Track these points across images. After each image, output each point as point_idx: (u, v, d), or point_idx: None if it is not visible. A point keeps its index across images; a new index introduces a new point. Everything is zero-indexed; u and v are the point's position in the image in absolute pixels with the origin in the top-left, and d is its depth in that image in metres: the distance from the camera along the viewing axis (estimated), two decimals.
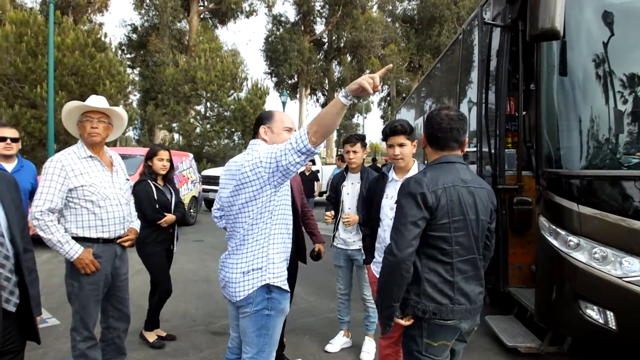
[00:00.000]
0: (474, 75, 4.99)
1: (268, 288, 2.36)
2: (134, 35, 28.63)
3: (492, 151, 4.29)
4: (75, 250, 2.80)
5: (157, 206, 4.07)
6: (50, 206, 2.75)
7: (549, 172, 3.47)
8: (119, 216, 3.02)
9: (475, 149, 4.56)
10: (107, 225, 2.96)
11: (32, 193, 3.88)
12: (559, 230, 3.33)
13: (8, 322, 1.93)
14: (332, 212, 4.09)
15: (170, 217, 4.11)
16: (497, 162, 4.18)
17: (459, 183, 2.10)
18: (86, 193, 2.87)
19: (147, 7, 27.77)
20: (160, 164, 4.17)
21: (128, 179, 3.24)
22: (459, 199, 2.07)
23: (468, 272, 2.12)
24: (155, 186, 4.15)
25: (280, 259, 2.42)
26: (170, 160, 4.26)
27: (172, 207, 4.22)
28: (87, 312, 2.94)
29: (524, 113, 4.20)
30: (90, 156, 2.96)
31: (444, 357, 2.19)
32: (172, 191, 4.29)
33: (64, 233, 2.82)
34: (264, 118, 2.51)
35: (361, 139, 4.01)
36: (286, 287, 2.46)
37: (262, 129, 2.46)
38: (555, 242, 3.35)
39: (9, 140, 3.91)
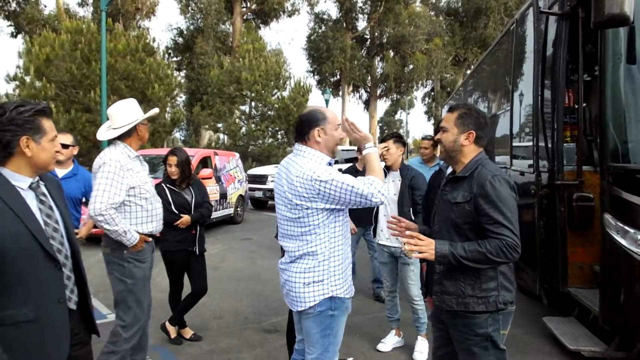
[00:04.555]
0: (528, 66, 4.78)
1: (331, 298, 2.36)
2: (180, 39, 29.34)
3: (550, 145, 4.10)
4: (135, 237, 3.04)
5: (172, 208, 4.10)
6: (113, 201, 2.92)
7: (616, 166, 3.28)
8: (160, 212, 3.32)
9: (531, 144, 4.38)
10: (154, 221, 3.25)
11: (83, 201, 3.92)
12: (627, 228, 3.13)
13: (73, 320, 1.99)
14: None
15: (185, 218, 4.10)
16: (554, 156, 4.00)
17: None
18: (142, 191, 3.10)
19: (192, 11, 28.43)
20: (169, 170, 4.19)
21: None
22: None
23: None
24: (170, 188, 4.17)
25: (342, 270, 2.41)
26: (181, 164, 4.17)
27: (192, 208, 4.20)
28: (141, 306, 3.13)
29: (584, 105, 3.99)
30: (137, 156, 3.18)
31: None
32: (193, 192, 4.26)
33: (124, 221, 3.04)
34: (318, 119, 2.39)
35: (395, 136, 4.10)
36: (350, 294, 2.47)
37: (316, 132, 2.37)
38: (623, 241, 3.15)
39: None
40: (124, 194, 3.00)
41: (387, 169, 4.07)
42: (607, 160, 3.35)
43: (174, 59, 29.08)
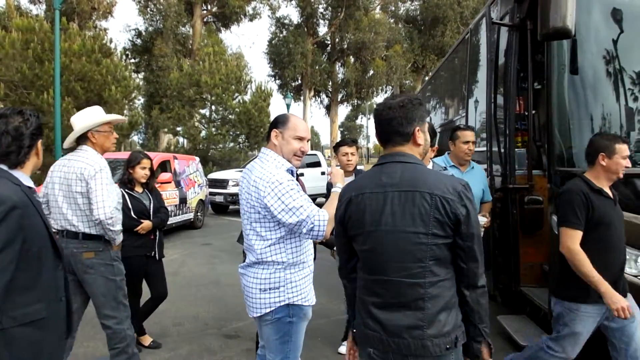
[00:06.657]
0: (482, 74, 4.98)
1: (288, 306, 2.33)
2: (138, 40, 28.66)
3: (502, 150, 4.28)
4: (122, 236, 3.34)
5: (132, 214, 4.02)
6: (115, 203, 3.16)
7: (562, 170, 3.46)
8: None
9: (484, 149, 4.55)
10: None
11: None
12: None
13: None
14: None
15: (146, 224, 4.04)
16: (507, 161, 4.17)
17: (373, 189, 1.79)
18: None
19: (151, 12, 27.84)
20: (142, 173, 4.13)
21: None
22: (364, 209, 1.78)
23: (382, 296, 1.77)
24: (130, 194, 4.09)
25: (301, 277, 2.38)
26: (151, 169, 4.24)
27: (151, 213, 4.15)
28: (127, 297, 3.40)
29: (533, 112, 4.19)
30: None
31: None
32: (151, 197, 4.22)
33: None
34: (279, 122, 2.44)
35: (354, 142, 4.24)
36: (310, 302, 2.43)
37: (273, 133, 2.41)
38: None
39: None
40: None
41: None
42: (554, 164, 3.53)
43: (132, 60, 28.32)
